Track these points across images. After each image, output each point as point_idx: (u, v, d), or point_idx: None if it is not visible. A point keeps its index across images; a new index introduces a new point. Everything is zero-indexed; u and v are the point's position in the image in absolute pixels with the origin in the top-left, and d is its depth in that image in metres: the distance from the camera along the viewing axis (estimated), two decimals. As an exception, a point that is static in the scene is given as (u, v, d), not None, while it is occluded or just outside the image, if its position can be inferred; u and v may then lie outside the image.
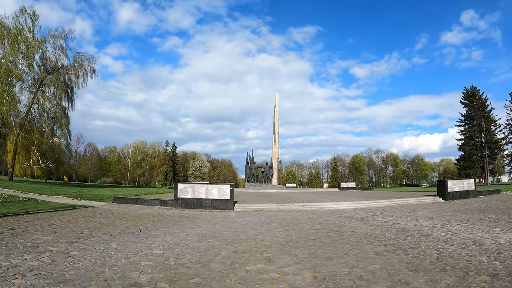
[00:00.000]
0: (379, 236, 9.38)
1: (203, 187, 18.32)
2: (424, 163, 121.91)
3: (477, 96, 63.24)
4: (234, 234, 9.84)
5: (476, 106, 62.08)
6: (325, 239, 9.07)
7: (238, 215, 15.62)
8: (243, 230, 10.73)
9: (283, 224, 12.34)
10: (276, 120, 66.21)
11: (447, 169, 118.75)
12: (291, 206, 19.46)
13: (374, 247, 7.73)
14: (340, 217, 14.80)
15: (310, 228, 11.28)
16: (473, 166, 61.10)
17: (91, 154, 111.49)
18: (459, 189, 22.96)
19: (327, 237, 9.41)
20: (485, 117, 61.43)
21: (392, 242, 8.35)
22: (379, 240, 8.62)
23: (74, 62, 36.93)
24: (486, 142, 60.08)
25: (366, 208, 19.75)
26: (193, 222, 12.61)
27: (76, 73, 36.65)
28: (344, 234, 9.95)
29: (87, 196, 21.70)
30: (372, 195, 32.14)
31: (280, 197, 27.66)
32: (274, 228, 11.24)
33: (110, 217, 12.95)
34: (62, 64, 36.10)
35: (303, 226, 11.80)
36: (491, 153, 60.56)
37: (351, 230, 10.64)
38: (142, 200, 19.41)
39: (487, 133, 60.95)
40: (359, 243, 8.37)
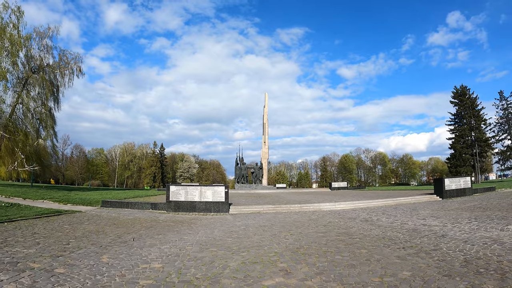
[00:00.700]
0: (392, 238, 8.86)
1: (197, 189, 17.43)
2: (412, 162, 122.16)
3: (467, 95, 63.59)
4: (237, 240, 9.02)
5: (466, 105, 62.36)
6: (338, 243, 8.39)
7: (235, 218, 14.79)
8: (246, 235, 9.91)
9: (286, 227, 11.58)
10: (265, 120, 65.62)
11: (436, 168, 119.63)
12: (288, 208, 18.71)
13: (394, 251, 7.22)
14: (342, 218, 14.23)
15: (316, 231, 10.54)
16: (464, 164, 61.33)
17: (78, 157, 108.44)
18: (456, 187, 22.74)
19: (339, 241, 8.74)
20: (475, 116, 61.75)
21: (409, 244, 7.92)
22: (395, 243, 8.15)
23: (60, 60, 35.23)
24: (476, 140, 60.38)
25: (365, 208, 19.25)
26: (189, 227, 11.72)
27: (62, 72, 35.00)
28: (355, 237, 9.31)
29: (74, 200, 20.59)
30: (366, 194, 31.72)
31: (274, 198, 26.92)
32: (278, 232, 10.46)
33: (99, 224, 11.95)
34: (47, 62, 34.41)
35: (308, 229, 11.06)
36: (481, 151, 60.87)
37: (361, 233, 10.06)
38: (132, 204, 18.40)
39: (477, 131, 61.30)
40: (375, 246, 7.81)
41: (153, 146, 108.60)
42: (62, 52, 35.54)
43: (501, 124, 62.09)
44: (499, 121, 62.19)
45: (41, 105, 34.24)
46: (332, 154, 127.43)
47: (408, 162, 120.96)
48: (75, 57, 35.96)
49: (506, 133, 61.48)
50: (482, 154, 61.50)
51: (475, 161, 60.42)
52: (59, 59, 35.28)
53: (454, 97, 65.11)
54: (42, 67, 33.68)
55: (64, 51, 35.71)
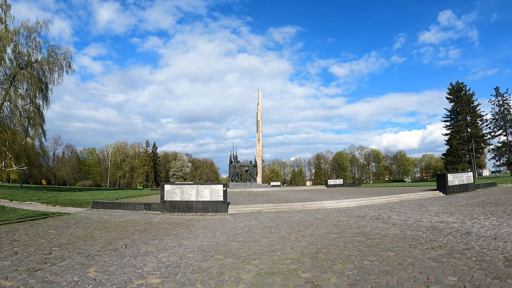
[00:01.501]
0: (415, 237, 8.21)
1: (193, 188, 16.39)
2: (406, 159, 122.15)
3: (463, 91, 63.32)
4: (244, 245, 8.01)
5: (462, 101, 62.06)
6: (358, 245, 7.53)
7: (235, 218, 13.78)
8: (252, 238, 8.92)
9: (294, 228, 10.63)
10: (259, 118, 64.71)
11: (429, 164, 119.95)
12: (290, 206, 17.77)
13: (424, 252, 6.56)
14: (350, 216, 13.42)
15: (328, 232, 9.61)
16: (460, 160, 61.04)
17: (70, 157, 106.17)
18: (458, 182, 22.22)
19: (358, 242, 7.87)
20: (471, 112, 61.48)
21: (436, 244, 7.32)
22: (420, 243, 7.50)
23: (49, 56, 33.64)
24: (472, 136, 60.08)
25: (370, 205, 18.49)
26: (187, 230, 10.68)
27: (51, 69, 33.48)
28: (373, 237, 8.49)
29: (63, 202, 19.43)
30: (366, 191, 31.02)
31: (272, 197, 25.95)
32: (287, 234, 9.49)
33: (88, 228, 10.83)
34: (36, 58, 32.87)
35: (319, 229, 10.12)
36: (477, 147, 60.66)
37: (377, 232, 9.28)
38: (125, 205, 17.27)
39: (473, 127, 61.02)
40: (401, 248, 7.07)
41: (145, 145, 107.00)
42: (51, 48, 34.15)
43: (497, 120, 61.98)
44: (494, 117, 62.11)
45: (29, 102, 33.02)
46: (326, 151, 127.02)
47: (401, 159, 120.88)
48: (64, 53, 34.55)
49: (502, 129, 61.42)
50: (478, 150, 61.31)
51: (471, 157, 60.20)
52: (48, 55, 33.90)
53: (450, 93, 64.84)
54: (30, 63, 32.35)
55: (53, 46, 34.34)
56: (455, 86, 64.62)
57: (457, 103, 63.06)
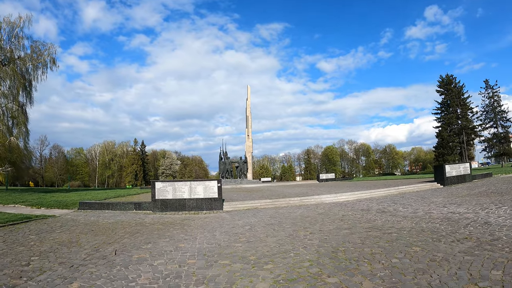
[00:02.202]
0: (433, 230, 7.71)
1: (186, 185, 15.46)
2: (396, 152, 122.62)
3: (452, 84, 63.27)
4: (249, 246, 7.16)
5: (452, 93, 62.06)
6: (376, 241, 6.88)
7: (232, 216, 12.94)
8: (257, 238, 8.08)
9: (299, 224, 9.84)
10: (248, 114, 64.02)
11: (418, 157, 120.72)
12: (288, 202, 17.00)
13: (452, 246, 6.08)
14: (354, 210, 12.81)
15: (337, 227, 8.88)
16: (451, 152, 61.10)
17: (57, 157, 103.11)
18: (456, 173, 21.99)
19: (375, 238, 7.22)
20: (461, 104, 61.53)
21: (460, 235, 6.89)
22: (442, 235, 7.04)
23: (32, 52, 32.20)
24: (463, 129, 60.19)
25: (370, 198, 17.92)
26: (183, 230, 9.76)
27: (34, 65, 32.14)
28: (389, 231, 7.88)
29: (48, 203, 18.31)
30: (360, 185, 30.62)
31: (266, 192, 25.20)
32: (293, 231, 8.70)
33: (73, 231, 9.81)
34: (18, 55, 31.56)
35: (326, 225, 9.37)
36: (468, 139, 60.82)
37: (391, 226, 8.67)
38: (114, 205, 16.22)
39: (464, 119, 61.14)
40: (424, 242, 6.52)
41: (133, 144, 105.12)
42: (35, 44, 32.75)
43: (487, 112, 62.29)
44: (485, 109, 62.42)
45: (13, 100, 31.64)
46: (316, 146, 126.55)
47: (391, 153, 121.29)
48: (48, 48, 33.14)
49: (492, 121, 61.72)
50: (469, 142, 61.48)
51: (462, 149, 60.37)
52: (31, 51, 32.52)
53: (440, 86, 64.78)
54: (13, 60, 30.96)
55: (37, 42, 32.92)
56: (445, 78, 64.54)
57: (448, 96, 63.03)
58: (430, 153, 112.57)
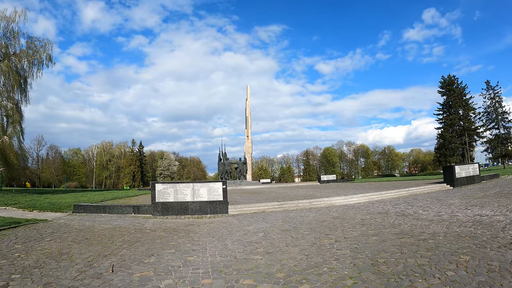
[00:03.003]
0: (470, 235, 7.02)
1: (189, 187, 14.42)
2: (395, 154, 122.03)
3: (454, 84, 62.62)
4: (271, 259, 6.11)
5: (455, 94, 61.35)
6: (416, 249, 6.07)
7: (240, 221, 11.91)
8: (276, 247, 7.05)
9: (318, 230, 8.81)
10: (248, 114, 63.22)
11: (417, 159, 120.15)
12: (297, 204, 16.01)
13: (501, 253, 5.44)
14: (371, 213, 11.90)
15: (363, 234, 7.91)
16: (454, 153, 60.37)
17: (54, 158, 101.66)
18: (465, 174, 21.38)
19: (413, 246, 6.36)
20: (463, 105, 60.86)
21: (504, 240, 6.26)
22: (483, 241, 6.39)
23: (28, 48, 31.25)
24: (466, 130, 59.50)
25: (381, 200, 17.06)
26: (189, 238, 8.71)
27: (29, 61, 31.13)
28: (423, 238, 7.03)
29: (41, 206, 17.24)
30: (365, 186, 29.93)
31: (270, 194, 24.18)
32: (314, 239, 7.69)
33: (65, 240, 8.72)
34: (14, 50, 30.58)
35: (349, 231, 8.39)
36: (470, 140, 60.20)
37: (421, 231, 7.82)
38: (111, 208, 15.14)
39: (466, 120, 60.48)
40: (470, 249, 5.80)
41: (131, 145, 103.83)
42: (30, 39, 31.81)
43: (488, 113, 61.75)
44: (486, 110, 61.91)
45: (7, 98, 30.73)
46: (315, 147, 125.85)
47: (390, 154, 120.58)
48: (44, 45, 32.15)
49: (494, 122, 61.14)
50: (470, 143, 60.85)
51: (464, 150, 59.71)
52: (26, 47, 31.63)
53: (442, 86, 64.13)
54: (7, 56, 30.02)
55: (32, 38, 31.99)
56: (447, 79, 63.86)
57: (450, 97, 62.32)
58: (429, 154, 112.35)
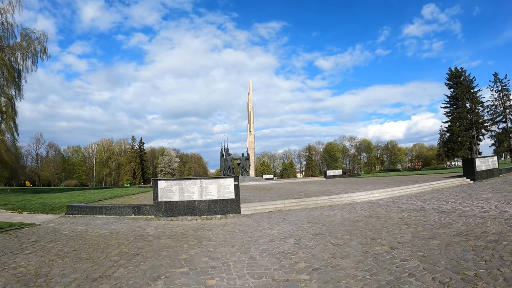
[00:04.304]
0: None
1: (196, 184, 12.77)
2: (397, 149, 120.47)
3: (462, 77, 61.08)
4: (321, 278, 4.51)
5: (462, 86, 59.83)
6: (501, 255, 4.90)
7: (258, 222, 10.28)
8: (320, 259, 5.42)
9: (359, 233, 7.21)
10: (250, 109, 61.67)
11: (420, 154, 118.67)
12: (315, 202, 14.39)
13: None
14: (404, 210, 10.56)
15: (416, 236, 6.35)
16: (462, 147, 58.95)
17: (54, 156, 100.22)
18: (485, 167, 20.61)
19: (489, 250, 5.28)
20: (471, 98, 59.37)
21: None
22: None
23: (22, 40, 29.77)
24: (474, 123, 58.06)
25: (405, 195, 15.70)
26: (202, 248, 7.05)
27: (24, 54, 29.59)
28: (496, 240, 5.87)
29: (33, 207, 15.62)
30: (377, 181, 28.51)
31: (280, 190, 22.52)
32: (361, 245, 6.11)
33: (48, 252, 7.04)
34: (7, 42, 29.03)
35: (396, 233, 6.87)
36: (478, 134, 58.88)
37: (482, 230, 6.72)
38: (108, 208, 13.46)
39: (474, 114, 59.08)
40: None
41: (131, 141, 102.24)
42: (25, 31, 30.08)
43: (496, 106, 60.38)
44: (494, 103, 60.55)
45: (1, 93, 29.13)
46: (317, 143, 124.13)
47: (393, 149, 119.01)
48: (39, 37, 30.43)
49: (501, 116, 59.78)
50: (478, 137, 59.52)
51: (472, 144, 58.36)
52: (21, 39, 29.91)
53: (449, 79, 62.69)
54: (1, 48, 28.29)
55: (27, 30, 30.24)
56: (454, 71, 62.32)
57: (457, 89, 60.82)
58: (432, 149, 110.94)
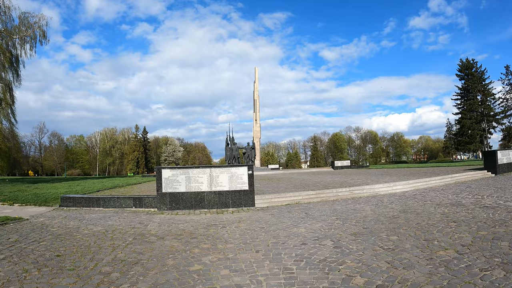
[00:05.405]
0: None
1: (205, 173, 11.43)
2: (404, 141, 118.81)
3: (473, 69, 59.30)
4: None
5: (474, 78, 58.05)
6: None
7: (277, 218, 8.90)
8: (376, 271, 4.01)
9: (405, 233, 5.76)
10: (256, 97, 60.66)
11: (426, 146, 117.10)
12: (336, 194, 13.03)
13: None
14: (440, 205, 9.37)
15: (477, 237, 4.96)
16: (473, 140, 57.35)
17: (58, 145, 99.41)
18: (506, 160, 20.08)
19: None
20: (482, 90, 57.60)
21: None
22: None
23: (20, 24, 28.50)
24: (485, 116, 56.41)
25: (429, 188, 14.60)
26: (218, 253, 5.71)
27: (22, 38, 28.29)
28: None
29: (24, 198, 14.34)
30: (387, 172, 27.31)
31: (293, 181, 21.10)
32: (416, 247, 4.63)
33: (25, 258, 5.67)
34: (5, 26, 27.73)
35: (450, 233, 5.41)
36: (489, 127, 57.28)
37: None
38: (106, 200, 12.13)
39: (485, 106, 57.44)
40: None
41: (135, 131, 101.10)
42: (23, 15, 28.63)
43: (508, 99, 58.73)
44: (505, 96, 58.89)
45: (-3, 79, 27.87)
46: (322, 133, 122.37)
47: (399, 141, 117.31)
48: (38, 20, 29.00)
49: (512, 109, 58.29)
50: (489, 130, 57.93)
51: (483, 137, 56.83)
52: (19, 23, 28.54)
53: (460, 70, 60.82)
54: (-2, 32, 26.96)
55: (25, 13, 28.78)
56: (465, 62, 60.37)
57: (468, 81, 59.04)
58: (438, 142, 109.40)
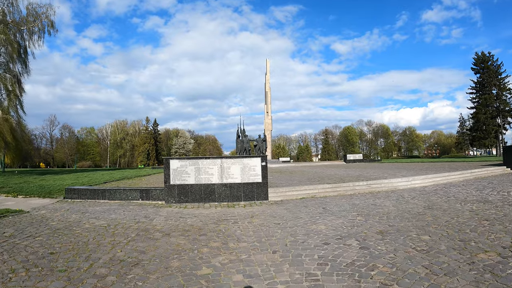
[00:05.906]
0: None
1: (215, 164, 10.82)
2: (416, 135, 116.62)
3: (489, 62, 57.55)
4: None
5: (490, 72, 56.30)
6: None
7: (293, 213, 8.26)
8: (413, 276, 3.48)
9: (436, 232, 5.09)
10: (267, 89, 60.11)
11: (439, 141, 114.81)
12: (353, 188, 12.33)
13: None
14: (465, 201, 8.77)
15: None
16: (488, 136, 55.80)
17: (69, 137, 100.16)
18: None
19: None
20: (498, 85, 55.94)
21: None
22: None
23: (28, 15, 28.24)
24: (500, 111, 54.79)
25: (449, 183, 14.03)
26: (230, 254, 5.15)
27: (30, 29, 28.02)
28: None
29: (29, 190, 14.04)
30: (401, 166, 26.75)
31: (306, 174, 20.30)
32: (453, 249, 3.97)
33: (15, 256, 5.20)
34: (13, 17, 27.47)
35: (486, 233, 4.84)
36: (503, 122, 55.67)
37: None
38: (112, 192, 11.64)
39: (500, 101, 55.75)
40: None
41: (146, 123, 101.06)
42: (31, 5, 28.47)
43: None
44: None
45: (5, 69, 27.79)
46: (334, 126, 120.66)
47: (411, 135, 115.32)
48: (45, 10, 28.80)
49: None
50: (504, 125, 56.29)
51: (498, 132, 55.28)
52: (27, 13, 28.39)
53: (475, 63, 59.06)
54: (6, 23, 26.72)
55: (32, 3, 28.66)
56: (481, 56, 58.55)
57: (483, 75, 57.29)
58: (450, 137, 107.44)
